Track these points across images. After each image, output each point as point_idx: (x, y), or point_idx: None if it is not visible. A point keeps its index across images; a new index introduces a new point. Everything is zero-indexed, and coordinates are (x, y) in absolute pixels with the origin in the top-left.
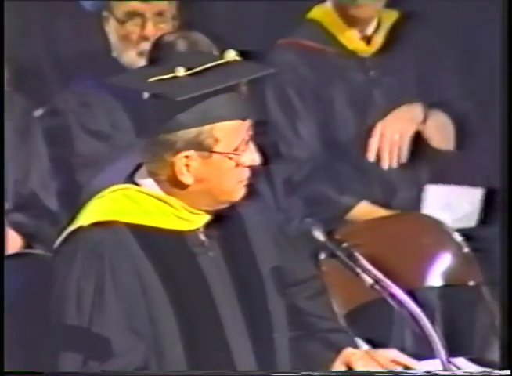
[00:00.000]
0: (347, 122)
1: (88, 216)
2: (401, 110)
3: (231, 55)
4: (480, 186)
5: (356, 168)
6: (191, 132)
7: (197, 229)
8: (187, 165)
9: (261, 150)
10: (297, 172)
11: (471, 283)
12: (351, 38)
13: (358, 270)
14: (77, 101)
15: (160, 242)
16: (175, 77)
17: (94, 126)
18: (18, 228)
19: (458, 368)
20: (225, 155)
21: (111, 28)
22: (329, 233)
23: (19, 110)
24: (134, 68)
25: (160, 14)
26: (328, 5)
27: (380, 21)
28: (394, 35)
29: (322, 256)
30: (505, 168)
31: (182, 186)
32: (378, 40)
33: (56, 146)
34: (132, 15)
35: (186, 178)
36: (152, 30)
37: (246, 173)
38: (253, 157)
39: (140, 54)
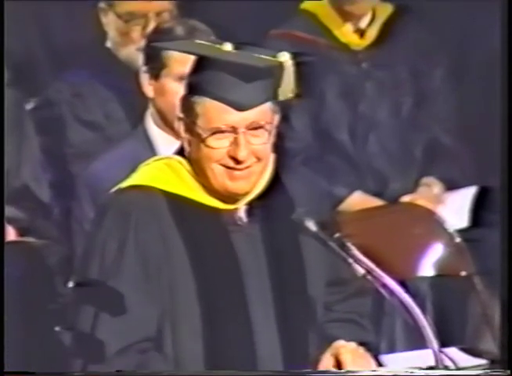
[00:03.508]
0: (339, 114)
1: (129, 180)
2: None
3: (284, 57)
4: (473, 185)
5: (348, 159)
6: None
7: (237, 207)
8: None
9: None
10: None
11: (463, 273)
12: (345, 31)
13: (350, 260)
14: (71, 91)
15: (193, 214)
16: (219, 48)
17: (87, 116)
18: (10, 221)
19: (449, 358)
20: (196, 130)
21: (110, 22)
22: (321, 224)
23: (10, 102)
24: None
25: (162, 14)
26: None
27: (375, 14)
28: (388, 29)
29: None
30: (504, 164)
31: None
32: (372, 33)
33: (49, 136)
34: (135, 15)
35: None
36: None
37: (226, 161)
38: (238, 151)
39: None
